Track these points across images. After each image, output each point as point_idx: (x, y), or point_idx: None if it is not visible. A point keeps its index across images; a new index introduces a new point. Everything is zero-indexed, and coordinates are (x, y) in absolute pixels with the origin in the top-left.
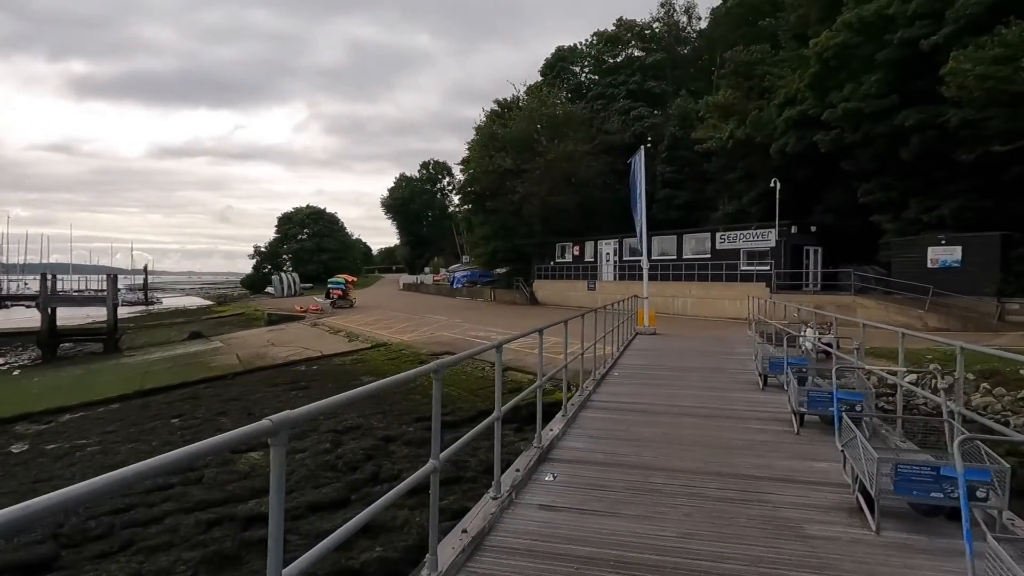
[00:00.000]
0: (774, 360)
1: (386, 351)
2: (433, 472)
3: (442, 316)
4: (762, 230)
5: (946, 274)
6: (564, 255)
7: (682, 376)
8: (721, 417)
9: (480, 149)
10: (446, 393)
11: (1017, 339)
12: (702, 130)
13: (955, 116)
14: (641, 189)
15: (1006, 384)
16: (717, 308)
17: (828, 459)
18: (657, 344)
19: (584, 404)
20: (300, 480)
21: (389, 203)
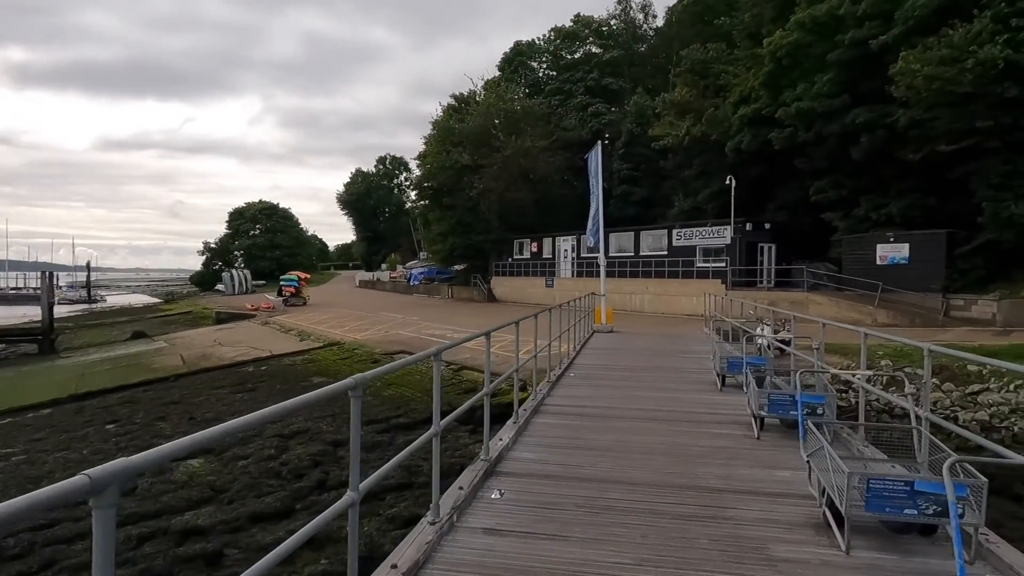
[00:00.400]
0: (732, 360)
1: (339, 350)
2: (352, 506)
3: (398, 314)
4: (718, 227)
5: (894, 271)
6: (522, 252)
7: (639, 376)
8: (680, 421)
9: (437, 144)
10: (400, 395)
11: (962, 334)
12: (659, 127)
13: (903, 116)
14: (598, 185)
15: (955, 380)
16: (674, 305)
17: (790, 467)
18: (614, 342)
19: (537, 409)
20: (242, 489)
21: (345, 198)
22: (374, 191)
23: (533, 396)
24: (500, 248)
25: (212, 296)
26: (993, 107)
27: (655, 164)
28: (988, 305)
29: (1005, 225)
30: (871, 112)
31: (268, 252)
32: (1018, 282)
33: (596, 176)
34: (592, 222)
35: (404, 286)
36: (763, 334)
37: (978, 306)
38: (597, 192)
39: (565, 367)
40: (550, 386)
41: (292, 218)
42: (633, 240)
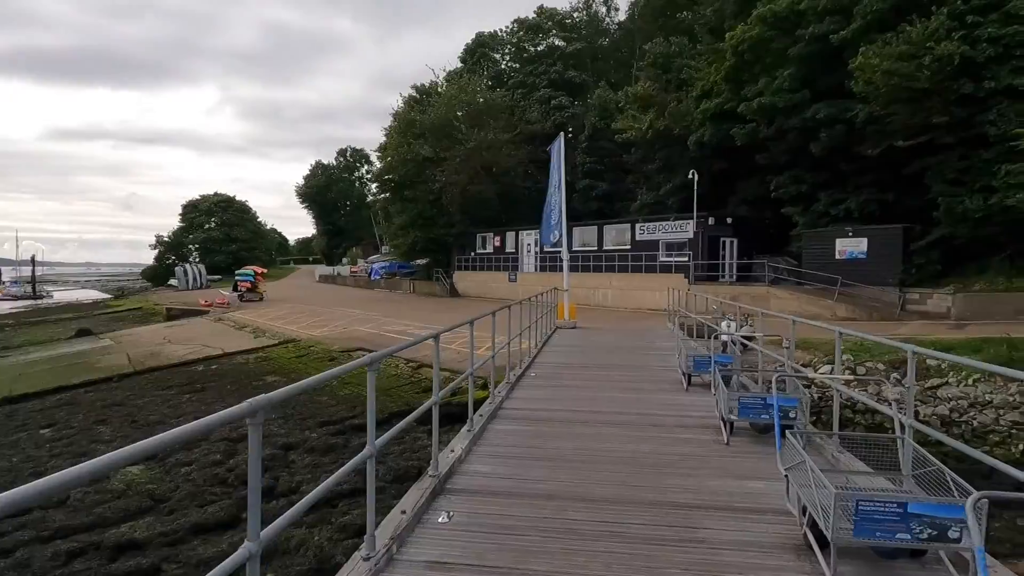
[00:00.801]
0: (698, 359)
1: (295, 348)
2: (250, 559)
3: (358, 309)
4: (680, 221)
5: (853, 265)
6: (485, 246)
7: (603, 376)
8: (645, 425)
9: (398, 136)
10: (357, 394)
11: (919, 328)
12: (622, 121)
13: (862, 111)
14: (561, 178)
15: (916, 374)
16: (637, 299)
17: (763, 476)
18: (577, 339)
19: (495, 414)
20: (184, 498)
21: (304, 191)
22: (334, 184)
23: (491, 400)
24: (463, 242)
25: (165, 291)
26: (949, 103)
27: (618, 158)
28: (943, 299)
29: (959, 220)
30: (831, 107)
31: (224, 246)
32: (971, 276)
33: (559, 168)
34: (554, 215)
35: (365, 281)
36: (729, 331)
37: (933, 300)
38: (559, 185)
39: (526, 366)
40: (509, 388)
41: (249, 211)
42: (596, 234)
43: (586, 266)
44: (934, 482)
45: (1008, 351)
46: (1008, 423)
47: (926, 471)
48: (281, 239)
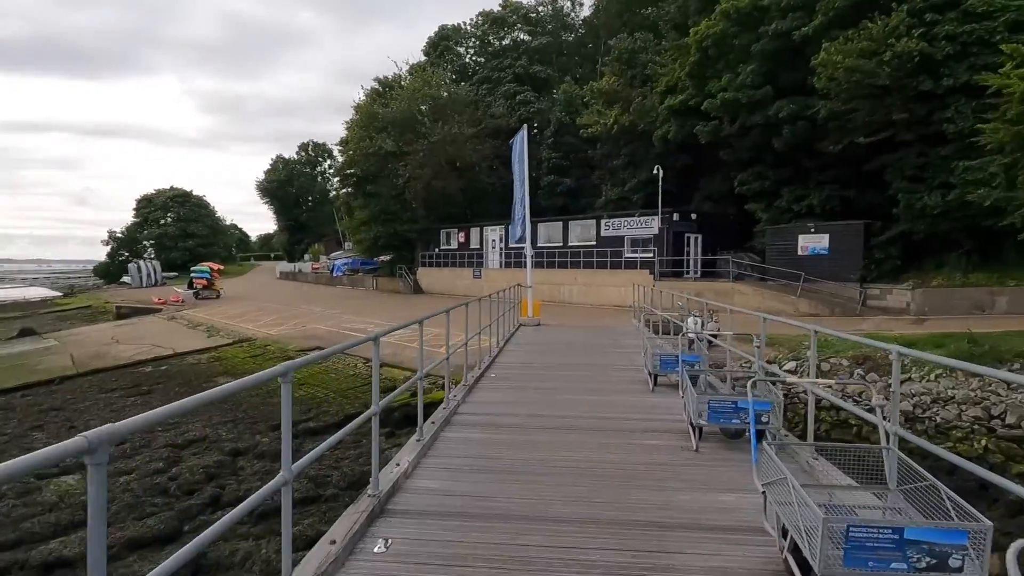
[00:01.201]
0: (665, 357)
1: (249, 347)
2: None
3: (318, 307)
4: (645, 217)
5: (815, 261)
6: (449, 242)
7: (566, 376)
8: (609, 431)
9: (360, 129)
10: (311, 395)
11: (880, 323)
12: (587, 116)
13: (824, 108)
14: (524, 171)
15: (878, 370)
16: (603, 296)
17: (736, 488)
18: (541, 337)
19: (449, 420)
20: (121, 510)
21: (265, 186)
22: (296, 178)
23: (445, 404)
24: (426, 238)
25: (117, 289)
26: (909, 100)
27: (583, 154)
28: (902, 294)
29: (918, 216)
30: (793, 104)
31: (180, 242)
32: (929, 272)
33: (522, 162)
34: (518, 211)
35: (327, 278)
36: (697, 329)
37: (893, 295)
38: (523, 179)
39: (486, 367)
40: (466, 391)
41: (207, 206)
42: (561, 230)
43: (551, 262)
44: (924, 498)
45: (969, 346)
46: (970, 419)
47: (916, 486)
48: (242, 235)
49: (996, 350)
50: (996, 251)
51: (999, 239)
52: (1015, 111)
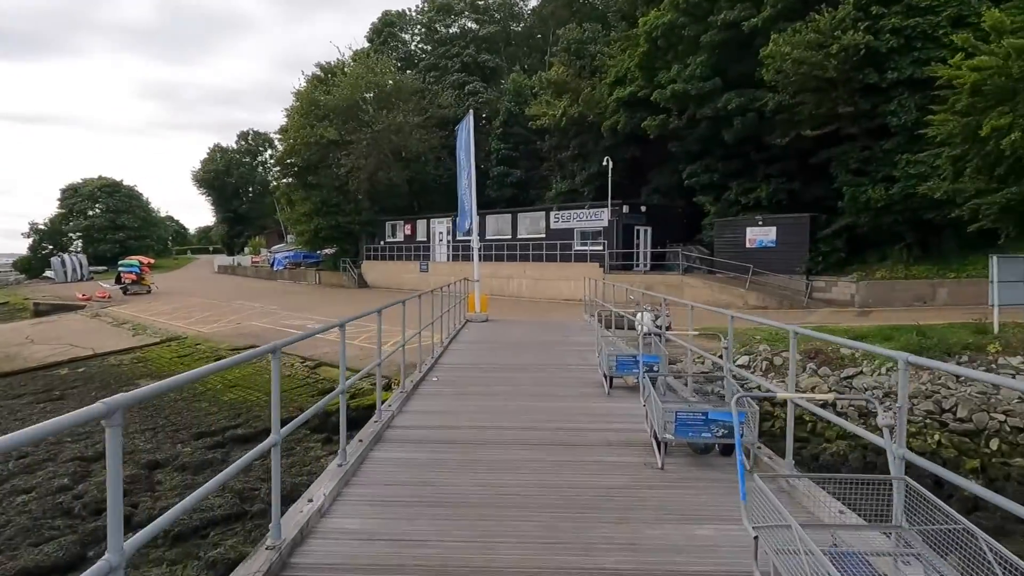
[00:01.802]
0: (622, 359)
1: (178, 347)
2: None
3: (256, 302)
4: (595, 209)
5: (763, 253)
6: (395, 234)
7: (514, 379)
8: (562, 446)
9: (300, 117)
10: (243, 399)
11: (826, 316)
12: (536, 106)
13: (772, 101)
14: (470, 160)
15: (830, 364)
16: (553, 289)
17: (712, 517)
18: (488, 334)
19: (380, 436)
20: (16, 535)
21: (201, 176)
22: (234, 168)
23: (376, 417)
24: (371, 231)
25: (39, 284)
26: (854, 93)
27: (533, 145)
28: (847, 286)
29: (862, 209)
30: (742, 96)
31: (110, 234)
32: (872, 264)
33: (468, 150)
34: (465, 202)
35: (268, 272)
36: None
37: (838, 287)
38: (469, 168)
39: (427, 368)
40: (404, 398)
41: (139, 197)
42: (511, 223)
43: (500, 255)
44: (948, 540)
45: (919, 339)
46: (922, 413)
47: (941, 528)
48: (179, 228)
49: (944, 342)
50: (936, 244)
51: (939, 231)
52: (964, 103)
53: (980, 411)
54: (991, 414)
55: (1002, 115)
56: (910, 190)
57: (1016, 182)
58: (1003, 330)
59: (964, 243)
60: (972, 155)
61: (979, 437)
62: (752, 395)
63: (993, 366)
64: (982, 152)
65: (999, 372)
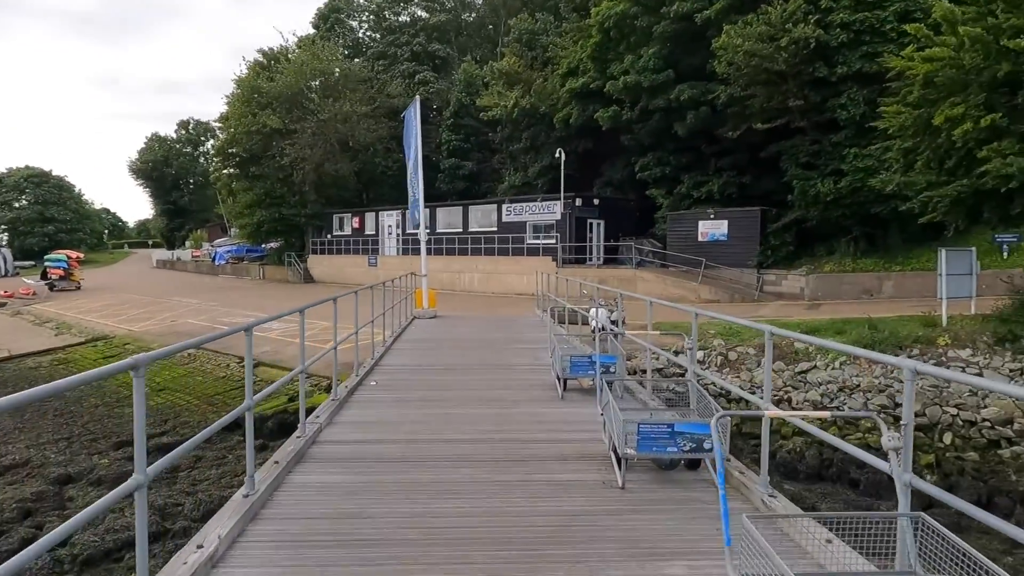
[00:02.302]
0: (576, 360)
1: (105, 347)
2: None
3: (195, 298)
4: (548, 202)
5: (714, 247)
6: (343, 227)
7: (461, 382)
8: (512, 461)
9: (242, 105)
10: (172, 402)
11: (778, 309)
12: (487, 97)
13: (724, 93)
14: (418, 149)
15: (784, 358)
16: (505, 284)
17: (683, 550)
18: (436, 331)
19: (303, 455)
20: None
21: (139, 167)
22: (174, 159)
23: (300, 431)
24: (318, 224)
25: None
26: (804, 86)
27: (484, 136)
28: (797, 280)
29: (811, 203)
30: (694, 89)
31: (38, 227)
32: (821, 257)
33: (415, 138)
34: (412, 192)
35: (209, 266)
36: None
37: (788, 281)
38: (416, 157)
39: (366, 372)
40: (335, 406)
41: (70, 188)
42: (462, 216)
43: (451, 249)
44: None
45: (870, 332)
46: (876, 407)
47: None
48: (116, 221)
49: (895, 335)
50: (882, 237)
51: (885, 225)
52: (916, 95)
53: (933, 404)
54: (943, 408)
55: (954, 106)
56: (858, 183)
57: (966, 174)
58: (951, 323)
59: (908, 237)
60: (924, 147)
61: (932, 431)
62: (732, 413)
63: (943, 359)
64: (933, 144)
65: (948, 366)
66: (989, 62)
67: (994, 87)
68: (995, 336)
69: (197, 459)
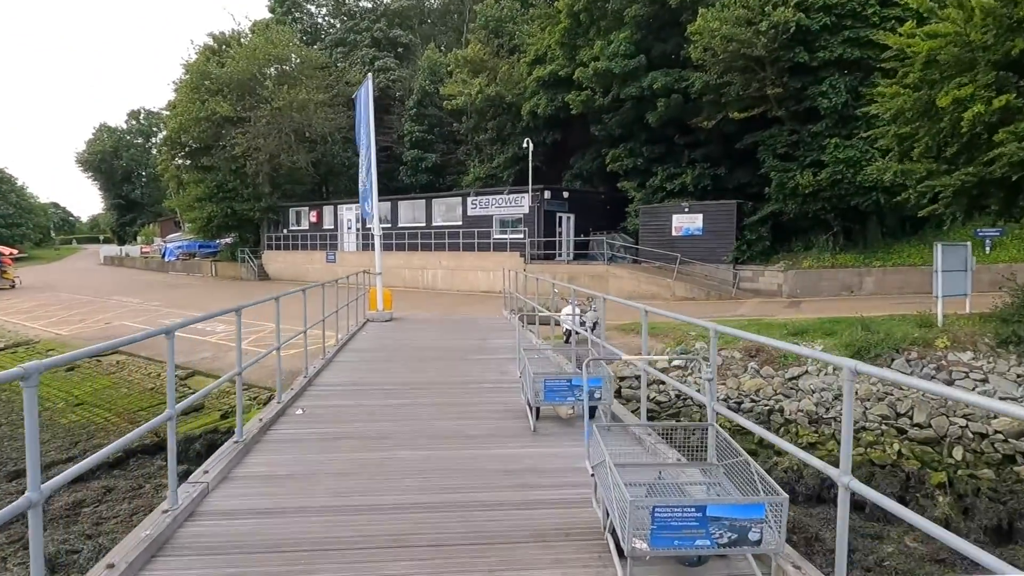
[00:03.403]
0: (552, 384)
1: (25, 353)
2: None
3: (137, 298)
4: (515, 195)
5: (689, 241)
6: (299, 222)
7: (409, 408)
8: (469, 545)
9: (190, 91)
10: (87, 419)
11: (756, 307)
12: (451, 85)
13: (698, 81)
14: (370, 131)
15: (772, 363)
16: (470, 281)
17: None
18: (389, 337)
19: (165, 540)
20: None
21: (86, 158)
22: (124, 150)
23: (170, 502)
24: (274, 218)
25: None
26: (783, 73)
27: (448, 127)
28: (774, 276)
29: (789, 195)
30: (667, 76)
31: None
32: (798, 253)
33: (367, 122)
34: (364, 181)
35: (158, 263)
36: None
37: (765, 277)
38: (368, 143)
39: (294, 394)
40: (239, 450)
41: (10, 180)
42: (425, 209)
43: (413, 244)
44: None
45: (864, 334)
46: (877, 417)
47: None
48: (65, 215)
49: (891, 337)
50: (861, 232)
51: (864, 219)
52: (916, 75)
53: (939, 415)
54: (950, 418)
55: (961, 86)
56: (839, 175)
57: (968, 162)
58: (947, 323)
59: (888, 231)
60: (923, 133)
61: (940, 445)
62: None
63: (943, 362)
64: (933, 129)
65: (951, 370)
66: (1001, 38)
67: (1006, 65)
68: (997, 337)
69: (107, 491)
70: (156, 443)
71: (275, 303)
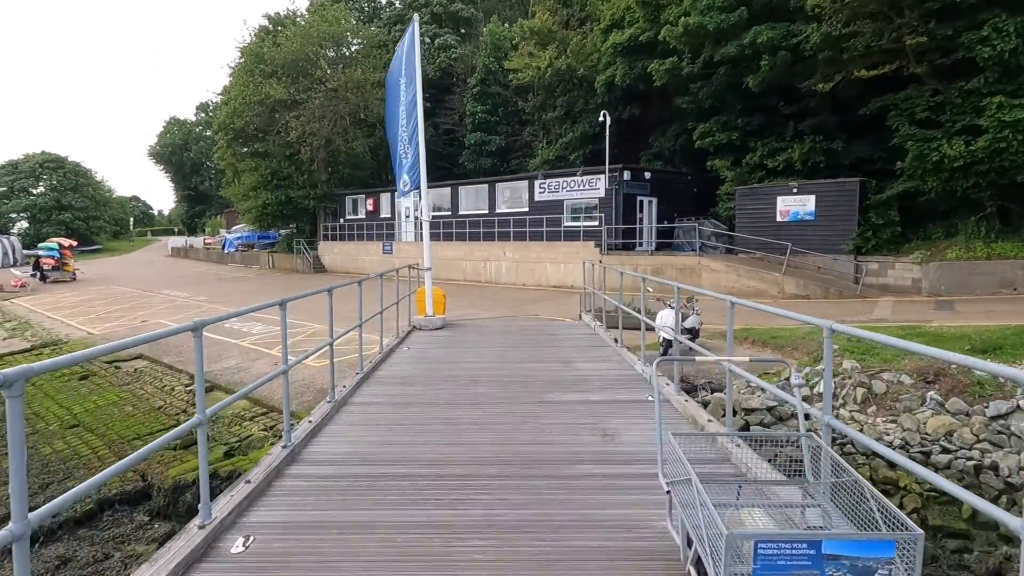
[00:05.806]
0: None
1: (51, 354)
2: None
3: (185, 291)
4: (589, 177)
5: (798, 228)
6: (356, 210)
7: (438, 534)
8: None
9: (244, 75)
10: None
11: (895, 308)
12: (517, 59)
13: (815, 34)
14: (416, 92)
15: (960, 391)
16: (537, 274)
17: None
18: (436, 356)
19: None
20: None
21: (158, 151)
22: (193, 143)
23: None
24: (331, 207)
25: None
26: (927, 17)
27: (514, 106)
28: (908, 269)
29: (932, 171)
30: (774, 30)
31: (55, 215)
32: (937, 240)
33: (413, 79)
34: (409, 153)
35: (219, 254)
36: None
37: (896, 270)
38: (413, 103)
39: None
40: None
41: (86, 173)
42: (488, 195)
43: (475, 234)
44: None
45: None
46: None
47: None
48: (145, 208)
49: None
50: (1020, 214)
51: None
52: None
53: None
54: None
55: None
56: (1001, 143)
57: None
58: None
59: None
60: None
61: None
62: None
63: None
64: None
65: None
66: None
67: None
68: None
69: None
70: (140, 489)
71: (327, 295)
